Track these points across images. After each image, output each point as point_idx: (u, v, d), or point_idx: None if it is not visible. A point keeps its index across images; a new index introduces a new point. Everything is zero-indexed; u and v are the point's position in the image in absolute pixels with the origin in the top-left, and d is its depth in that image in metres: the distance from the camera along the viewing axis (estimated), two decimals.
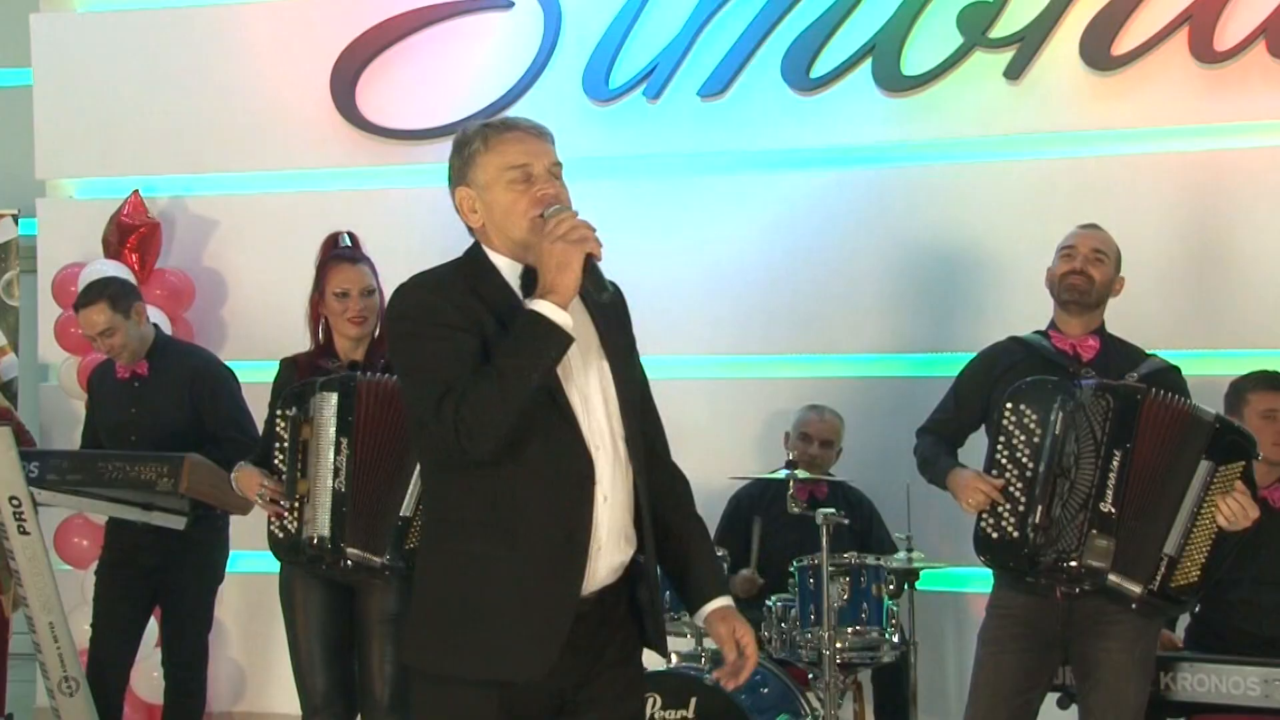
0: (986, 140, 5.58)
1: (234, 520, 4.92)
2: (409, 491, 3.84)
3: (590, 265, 2.52)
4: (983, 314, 5.42)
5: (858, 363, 5.71)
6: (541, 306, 2.49)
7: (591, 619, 2.62)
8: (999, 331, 4.30)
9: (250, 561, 5.59)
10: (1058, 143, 5.50)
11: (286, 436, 3.99)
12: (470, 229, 2.70)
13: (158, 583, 4.88)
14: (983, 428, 4.11)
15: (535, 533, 2.55)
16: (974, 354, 4.27)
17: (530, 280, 2.60)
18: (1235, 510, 3.67)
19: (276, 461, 4.04)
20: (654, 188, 5.82)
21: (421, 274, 2.67)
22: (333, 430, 3.88)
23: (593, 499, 2.59)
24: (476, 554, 2.57)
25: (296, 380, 4.09)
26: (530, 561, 2.55)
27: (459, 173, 2.69)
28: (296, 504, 3.97)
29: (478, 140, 2.66)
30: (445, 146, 5.80)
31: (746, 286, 5.75)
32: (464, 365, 2.52)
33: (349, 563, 3.90)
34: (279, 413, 4.03)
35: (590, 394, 2.63)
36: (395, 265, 4.05)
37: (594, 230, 2.53)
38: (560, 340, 2.50)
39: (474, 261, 2.67)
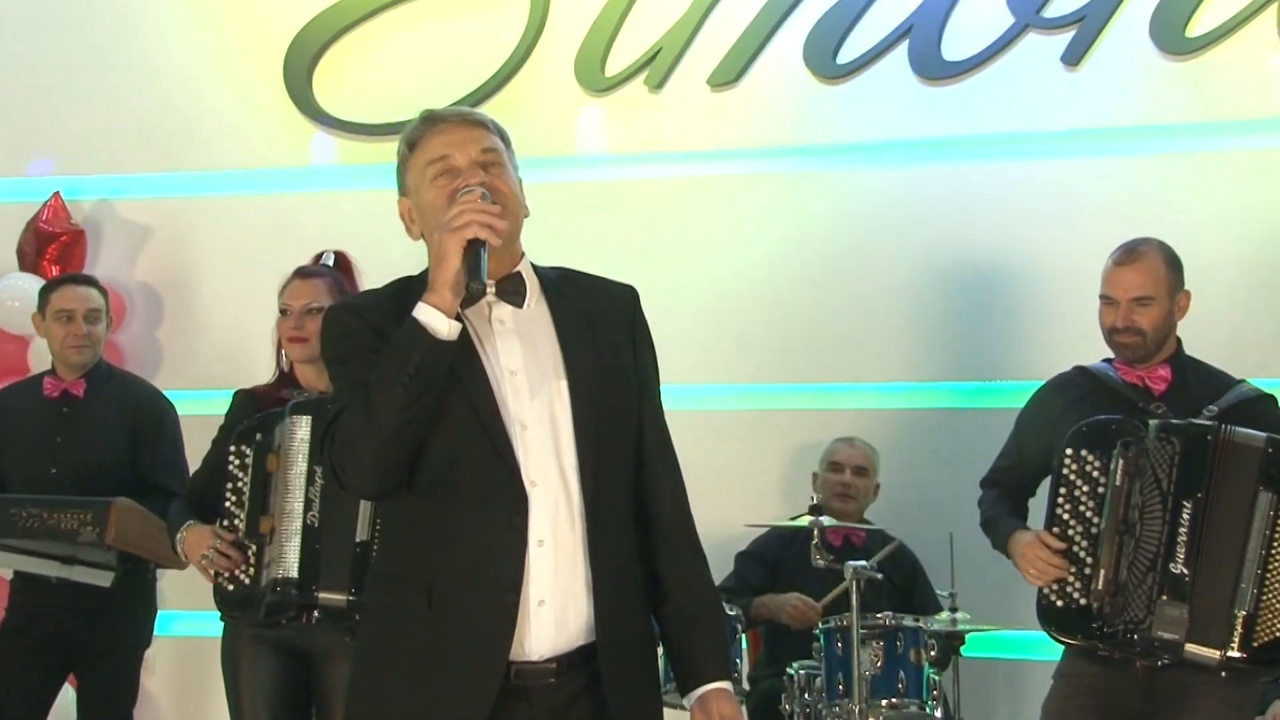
0: (1041, 136, 5.54)
1: (169, 575, 4.89)
2: (360, 511, 3.87)
3: (472, 253, 2.54)
4: (1039, 337, 5.43)
5: (893, 392, 5.67)
6: (418, 309, 2.54)
7: (559, 691, 2.62)
8: (1057, 356, 4.31)
9: (186, 623, 5.58)
10: (1125, 139, 5.48)
11: (243, 474, 4.04)
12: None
13: (72, 649, 4.83)
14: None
15: (458, 585, 2.60)
16: (1029, 382, 4.25)
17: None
18: None
19: (229, 504, 4.07)
20: (656, 189, 5.81)
21: (355, 294, 2.80)
22: (305, 459, 3.92)
23: (524, 544, 2.59)
24: (401, 610, 2.65)
25: (257, 415, 4.14)
26: (453, 619, 2.59)
27: (399, 183, 2.79)
28: (254, 549, 4.00)
29: (403, 143, 2.76)
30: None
31: (763, 303, 5.74)
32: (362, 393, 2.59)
33: (315, 614, 3.93)
34: (233, 449, 4.07)
35: (532, 419, 2.64)
36: (370, 278, 4.11)
37: (490, 212, 2.55)
38: (422, 345, 2.52)
39: (419, 278, 2.70)
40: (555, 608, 2.61)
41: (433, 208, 2.67)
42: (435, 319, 2.53)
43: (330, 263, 4.37)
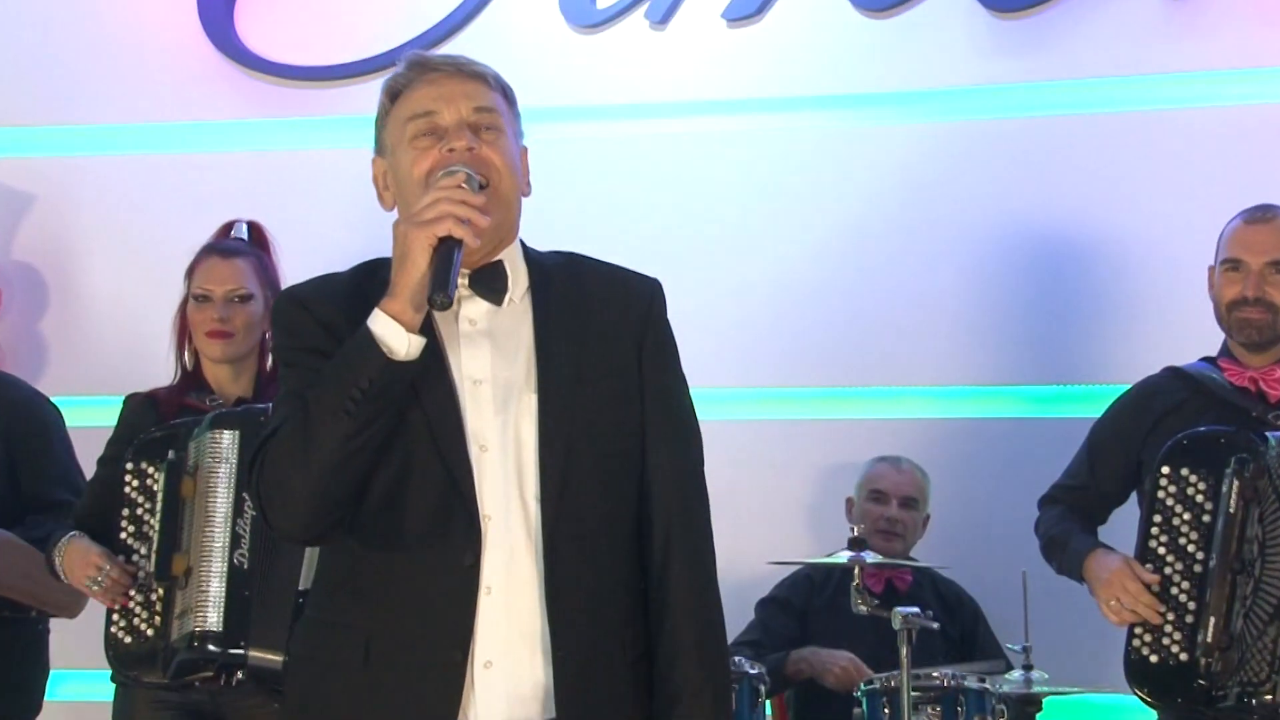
0: (1141, 81, 5.50)
1: (56, 625, 4.84)
2: (306, 553, 3.86)
3: (444, 255, 2.54)
4: (1131, 331, 5.40)
5: (950, 399, 5.67)
6: (373, 317, 2.56)
7: None
8: (1153, 356, 4.34)
9: (77, 684, 5.53)
10: (1245, 83, 5.43)
11: (145, 499, 4.05)
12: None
13: None
14: (1133, 497, 4.12)
15: (399, 636, 2.62)
16: (1116, 387, 4.30)
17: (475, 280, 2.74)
18: None
19: (125, 536, 4.07)
20: (661, 148, 5.79)
21: (313, 279, 2.82)
22: (230, 484, 3.93)
23: (474, 590, 2.61)
24: (334, 664, 2.68)
25: (158, 424, 4.14)
26: (391, 678, 2.62)
27: (376, 140, 2.83)
28: (160, 591, 3.99)
29: (384, 92, 2.79)
30: (364, 89, 5.79)
31: (788, 287, 5.71)
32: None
33: (239, 676, 3.93)
34: (130, 467, 4.08)
35: (493, 439, 2.67)
36: (306, 257, 4.14)
37: (472, 204, 2.56)
38: (373, 365, 2.53)
39: (390, 264, 2.71)
40: (505, 671, 2.62)
41: (409, 176, 2.69)
42: (391, 333, 2.54)
43: (244, 235, 4.37)
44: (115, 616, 4.06)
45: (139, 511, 4.06)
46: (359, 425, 2.53)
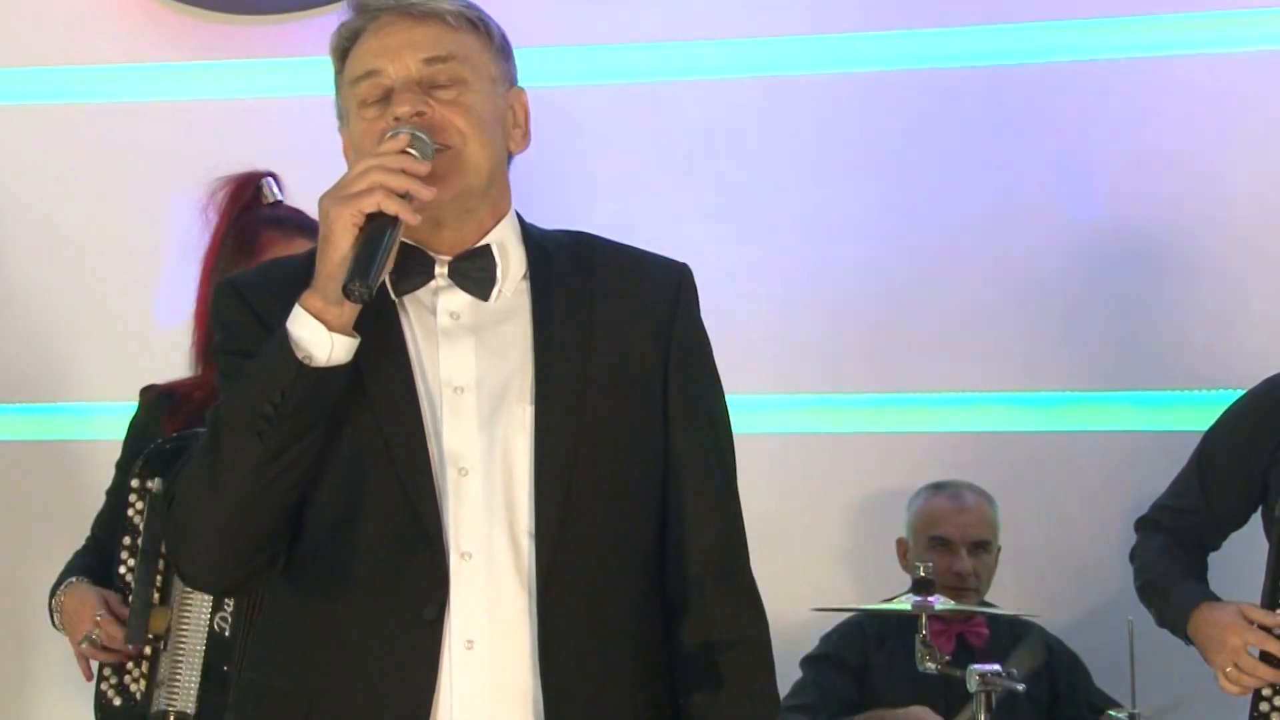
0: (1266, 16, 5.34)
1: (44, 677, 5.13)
2: None
3: (370, 236, 2.46)
4: (1254, 323, 5.29)
5: (1028, 408, 5.53)
6: (292, 315, 2.50)
7: None
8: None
9: None
10: None
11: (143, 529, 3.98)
12: None
13: None
14: (1254, 519, 4.08)
15: (348, 704, 2.58)
16: (1231, 391, 4.31)
17: (412, 263, 2.70)
18: None
19: (122, 571, 4.00)
20: (673, 100, 5.69)
21: (260, 265, 2.93)
22: None
23: (437, 647, 2.55)
24: None
25: (168, 429, 3.99)
26: None
27: (337, 108, 2.80)
28: (146, 650, 3.91)
29: (332, 54, 2.75)
30: (312, 26, 5.87)
31: (832, 272, 5.60)
32: None
33: None
34: (135, 483, 3.98)
35: (478, 461, 2.61)
36: None
37: (412, 171, 2.49)
38: (285, 374, 2.47)
39: None
40: None
41: (360, 151, 2.64)
42: (310, 334, 2.48)
43: (280, 198, 4.21)
44: (107, 671, 3.93)
45: (140, 541, 3.94)
46: (275, 449, 2.48)
